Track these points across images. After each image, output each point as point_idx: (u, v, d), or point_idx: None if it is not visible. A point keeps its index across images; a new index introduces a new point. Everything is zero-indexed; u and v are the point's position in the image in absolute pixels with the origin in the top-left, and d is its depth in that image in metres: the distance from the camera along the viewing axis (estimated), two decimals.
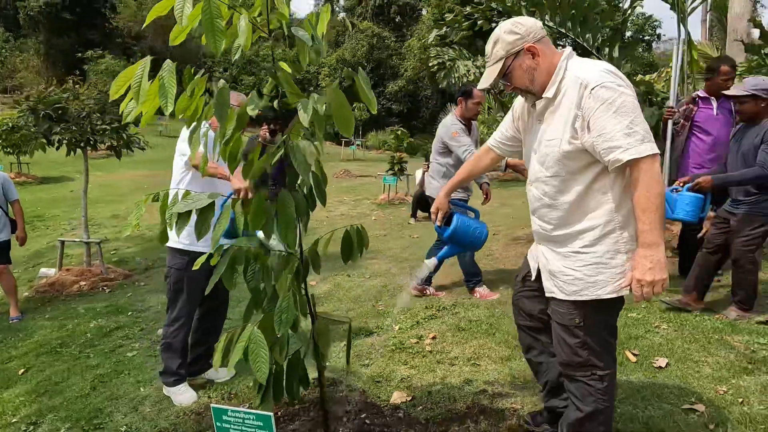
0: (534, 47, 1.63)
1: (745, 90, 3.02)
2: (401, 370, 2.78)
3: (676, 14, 4.70)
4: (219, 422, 1.75)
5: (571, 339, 1.68)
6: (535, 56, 1.63)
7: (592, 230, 1.62)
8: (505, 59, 1.65)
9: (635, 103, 1.52)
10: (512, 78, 1.68)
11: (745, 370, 2.42)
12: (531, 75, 1.65)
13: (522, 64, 1.64)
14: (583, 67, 1.60)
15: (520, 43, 1.63)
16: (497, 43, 1.67)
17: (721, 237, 3.21)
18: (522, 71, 1.65)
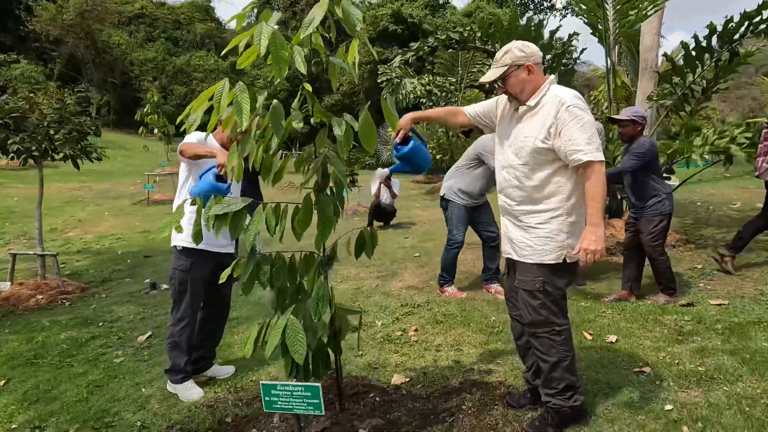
0: (532, 66, 2.09)
1: (626, 116, 3.74)
2: (394, 358, 3.11)
3: (603, 47, 5.46)
4: (268, 396, 2.00)
5: (534, 301, 2.13)
6: (530, 73, 2.10)
7: (546, 212, 2.11)
8: (509, 67, 2.11)
9: (594, 122, 2.07)
10: (508, 83, 2.13)
11: (676, 340, 2.99)
12: (522, 86, 2.12)
13: (519, 75, 2.10)
14: (561, 90, 2.11)
15: (524, 60, 2.09)
16: (507, 54, 2.12)
17: (634, 239, 3.86)
18: (517, 80, 2.11)
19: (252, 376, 3.08)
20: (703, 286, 3.98)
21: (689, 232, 5.62)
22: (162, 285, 5.48)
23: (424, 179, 14.92)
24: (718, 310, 3.43)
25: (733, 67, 5.04)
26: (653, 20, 6.58)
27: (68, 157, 5.41)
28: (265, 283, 2.24)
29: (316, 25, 1.82)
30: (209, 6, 43.97)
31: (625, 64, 14.08)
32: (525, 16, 36.47)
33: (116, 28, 35.78)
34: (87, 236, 8.58)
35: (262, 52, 1.71)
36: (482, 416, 2.36)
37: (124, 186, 14.30)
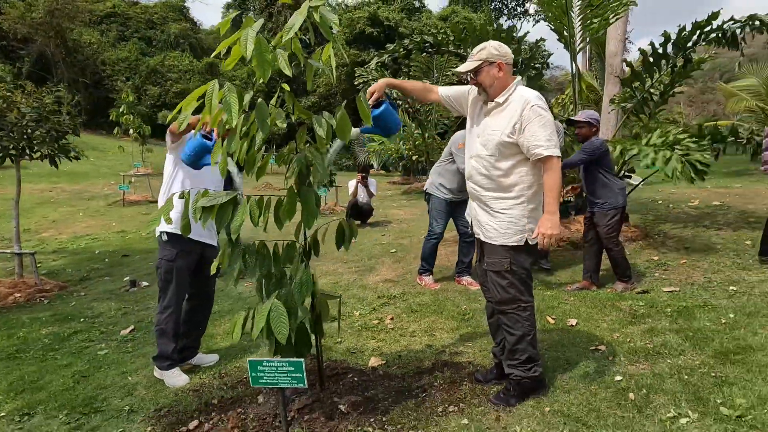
0: (503, 65, 2.32)
1: (582, 118, 4.08)
2: (371, 343, 3.30)
3: (569, 53, 5.77)
4: (254, 372, 2.16)
5: (502, 281, 2.36)
6: (500, 71, 2.32)
7: (510, 199, 2.34)
8: (483, 62, 2.33)
9: (553, 121, 2.33)
10: (479, 75, 2.35)
11: (630, 322, 3.26)
12: (492, 81, 2.34)
13: (491, 71, 2.33)
14: (526, 91, 2.36)
15: (497, 58, 2.32)
16: (483, 50, 2.35)
17: (591, 232, 4.15)
18: (488, 75, 2.34)
19: (235, 363, 3.23)
20: (658, 275, 4.28)
21: (649, 227, 5.96)
22: (142, 282, 5.54)
23: (401, 180, 15.16)
24: (670, 296, 3.72)
25: (687, 73, 5.39)
26: (618, 27, 6.94)
27: (46, 156, 5.43)
28: (251, 271, 2.40)
29: (297, 30, 1.99)
30: (183, 6, 43.43)
31: (595, 68, 14.62)
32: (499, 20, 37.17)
33: (87, 26, 35.08)
34: (62, 236, 8.52)
35: (248, 55, 1.87)
36: (452, 391, 2.56)
37: (97, 187, 14.13)
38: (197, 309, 3.27)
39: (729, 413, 2.11)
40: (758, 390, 2.27)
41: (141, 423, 2.62)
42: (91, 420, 2.71)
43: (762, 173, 4.56)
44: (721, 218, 6.23)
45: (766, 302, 3.38)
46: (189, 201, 2.29)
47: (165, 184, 3.07)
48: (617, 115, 7.27)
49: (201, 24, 48.52)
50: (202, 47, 41.97)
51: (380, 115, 2.56)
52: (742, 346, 2.72)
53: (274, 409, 2.54)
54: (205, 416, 2.58)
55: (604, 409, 2.25)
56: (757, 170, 11.03)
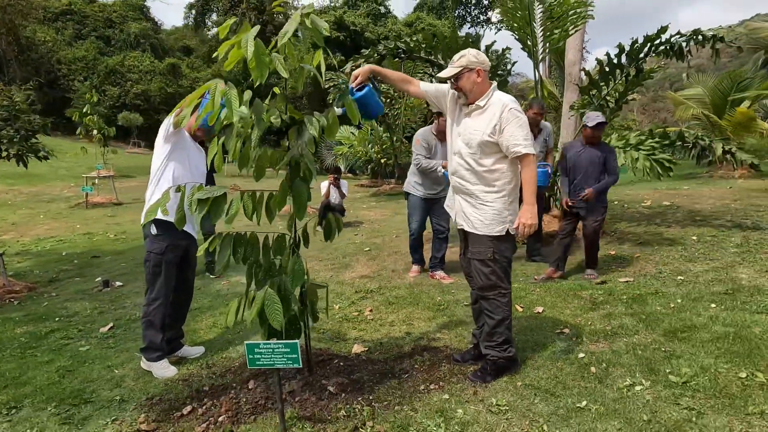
0: (481, 71, 2.56)
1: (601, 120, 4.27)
2: (353, 333, 3.47)
3: (532, 61, 6.12)
4: (251, 354, 2.29)
5: (485, 269, 2.58)
6: (479, 76, 2.56)
7: (494, 193, 2.57)
8: (463, 68, 2.55)
9: (527, 122, 2.56)
10: (460, 81, 2.58)
11: (590, 309, 3.56)
12: (472, 86, 2.57)
13: (470, 76, 2.56)
14: (504, 95, 2.60)
15: (476, 65, 2.54)
16: (463, 57, 2.57)
17: (571, 226, 4.47)
18: (468, 81, 2.57)
19: (221, 354, 3.34)
20: (615, 268, 4.63)
21: (606, 225, 6.37)
22: (116, 282, 5.52)
23: (368, 183, 15.36)
24: (625, 285, 4.05)
25: (639, 82, 5.81)
26: (576, 38, 7.37)
27: (15, 156, 5.35)
28: (238, 259, 2.54)
29: (290, 35, 2.16)
30: (144, 5, 42.36)
31: (555, 76, 15.28)
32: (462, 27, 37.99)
33: (41, 24, 33.79)
34: (24, 239, 8.29)
35: (249, 57, 2.02)
36: (432, 371, 2.77)
37: (56, 189, 13.73)
38: (178, 303, 3.35)
39: (676, 380, 2.40)
40: (701, 361, 2.57)
41: (133, 411, 2.70)
42: (82, 410, 2.76)
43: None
44: (670, 217, 6.71)
45: (708, 289, 3.74)
46: (185, 194, 2.41)
47: (153, 178, 3.15)
48: (576, 121, 7.69)
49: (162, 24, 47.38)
50: (164, 48, 41.06)
51: (362, 98, 2.65)
52: (688, 326, 3.04)
53: (265, 393, 2.68)
54: (197, 402, 2.69)
55: (569, 382, 2.50)
56: (704, 173, 11.82)
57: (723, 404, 2.18)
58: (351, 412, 2.41)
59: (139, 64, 34.60)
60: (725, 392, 2.27)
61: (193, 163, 3.19)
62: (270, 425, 2.37)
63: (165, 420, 2.54)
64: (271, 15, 42.60)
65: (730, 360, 2.56)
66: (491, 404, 2.35)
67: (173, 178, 3.06)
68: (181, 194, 2.42)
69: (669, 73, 45.19)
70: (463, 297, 4.05)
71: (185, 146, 3.17)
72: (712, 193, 8.56)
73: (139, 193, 13.45)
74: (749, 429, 1.99)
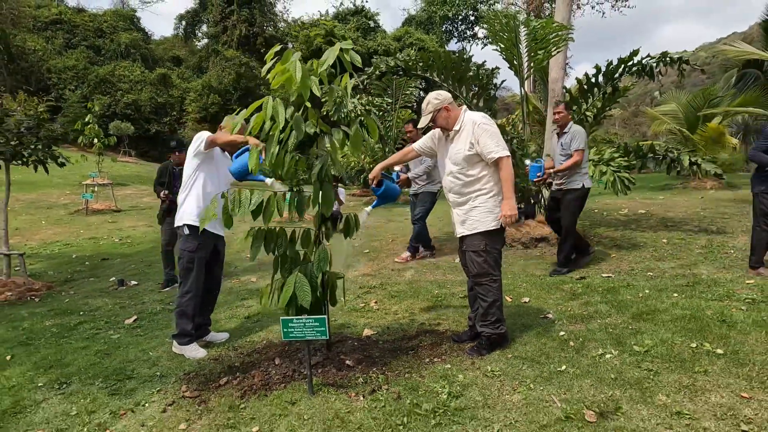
0: (448, 107, 3.06)
1: None
2: (361, 320, 3.90)
3: (518, 79, 6.66)
4: (286, 328, 2.71)
5: (479, 258, 3.04)
6: (448, 111, 3.06)
7: (483, 194, 3.03)
8: (433, 112, 3.06)
9: (498, 132, 3.05)
10: (436, 121, 3.10)
11: (570, 299, 4.04)
12: (446, 120, 3.08)
13: (442, 114, 3.07)
14: (473, 114, 3.10)
15: (441, 105, 3.05)
16: (429, 104, 3.09)
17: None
18: (442, 118, 3.08)
19: (245, 339, 3.74)
20: (593, 266, 5.13)
21: (587, 230, 6.89)
22: (131, 281, 5.88)
23: (360, 192, 15.80)
24: (602, 280, 4.55)
25: (615, 99, 6.39)
26: (559, 57, 7.95)
27: (38, 161, 5.71)
28: (269, 251, 2.97)
29: (329, 63, 2.61)
30: (134, 15, 42.57)
31: (539, 91, 15.94)
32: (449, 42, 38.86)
33: (31, 33, 33.83)
34: (31, 243, 8.56)
35: (298, 79, 2.47)
36: (435, 349, 3.21)
37: (53, 197, 13.92)
38: (209, 293, 3.75)
39: (639, 350, 2.87)
40: (661, 336, 3.06)
41: (174, 384, 3.08)
42: (127, 384, 3.14)
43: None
44: (644, 223, 7.27)
45: (673, 282, 4.25)
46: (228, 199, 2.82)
47: (185, 184, 3.56)
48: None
49: (152, 34, 47.49)
50: (154, 58, 41.25)
51: (384, 192, 3.47)
52: (652, 310, 3.53)
53: (291, 367, 3.09)
54: (231, 375, 3.09)
55: (551, 353, 2.96)
56: (678, 185, 12.50)
57: (676, 366, 2.65)
58: (368, 379, 2.83)
59: (130, 74, 34.73)
60: (678, 357, 2.74)
61: (221, 172, 3.61)
62: (299, 390, 2.78)
63: (205, 389, 2.94)
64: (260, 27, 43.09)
65: (684, 335, 3.04)
66: (487, 371, 2.80)
67: (203, 187, 3.48)
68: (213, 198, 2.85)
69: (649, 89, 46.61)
70: (458, 291, 4.51)
71: (213, 157, 3.58)
72: (685, 202, 9.18)
73: (135, 200, 13.72)
74: (694, 383, 2.47)
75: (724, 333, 3.02)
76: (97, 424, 2.66)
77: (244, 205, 2.80)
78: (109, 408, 2.82)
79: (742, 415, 2.16)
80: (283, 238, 3.05)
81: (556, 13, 9.43)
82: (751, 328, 3.06)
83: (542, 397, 2.47)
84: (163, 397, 2.90)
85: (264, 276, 5.68)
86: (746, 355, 2.71)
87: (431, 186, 5.93)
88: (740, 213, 7.34)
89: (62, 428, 2.64)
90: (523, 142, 6.32)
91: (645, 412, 2.25)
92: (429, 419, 2.35)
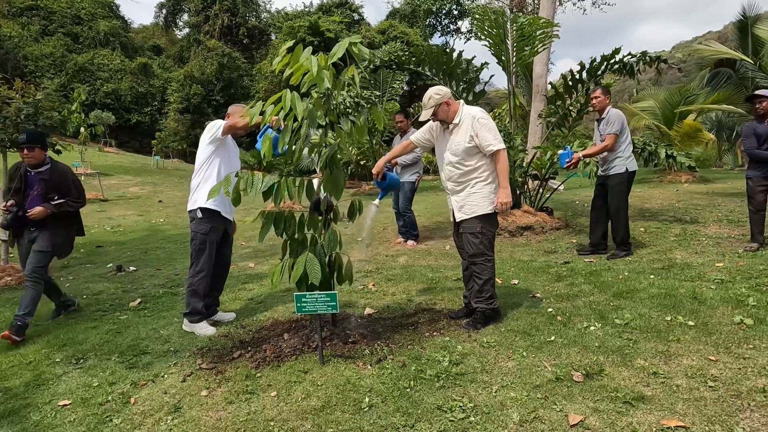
0: (448, 101, 3.30)
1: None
2: (361, 301, 4.13)
3: (506, 74, 6.93)
4: (299, 303, 2.93)
5: (475, 240, 3.30)
6: (448, 105, 3.29)
7: (481, 181, 3.29)
8: (435, 107, 3.29)
9: (495, 126, 3.30)
10: (437, 115, 3.33)
11: (556, 281, 4.33)
12: (446, 114, 3.32)
13: (443, 108, 3.30)
14: (471, 109, 3.34)
15: (441, 99, 3.28)
16: (430, 99, 3.31)
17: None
18: (442, 112, 3.31)
19: (251, 318, 3.93)
20: (577, 253, 5.45)
21: (569, 219, 7.24)
22: (130, 267, 6.00)
23: (348, 184, 16.02)
24: (585, 264, 4.86)
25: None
26: (543, 53, 8.26)
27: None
28: (280, 233, 3.17)
29: (338, 57, 2.81)
30: (113, 3, 41.75)
31: (521, 86, 16.33)
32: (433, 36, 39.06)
33: (5, 18, 32.98)
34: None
35: (315, 73, 2.67)
36: (433, 324, 3.46)
37: None
38: (218, 273, 3.94)
39: (620, 322, 3.17)
40: (639, 311, 3.36)
41: (189, 358, 3.27)
42: (142, 359, 3.31)
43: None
44: None
45: (650, 266, 4.58)
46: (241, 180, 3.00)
47: (199, 168, 3.73)
48: (543, 128, 8.59)
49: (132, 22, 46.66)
50: (134, 46, 40.59)
51: (388, 185, 3.71)
52: (631, 290, 3.84)
53: (300, 341, 3.31)
54: (243, 349, 3.29)
55: (541, 326, 3.24)
56: (655, 178, 12.99)
57: (652, 335, 2.95)
58: (373, 351, 3.06)
59: (109, 62, 34.16)
60: (654, 329, 3.04)
61: (233, 159, 3.79)
62: (309, 361, 3.00)
63: (220, 362, 3.13)
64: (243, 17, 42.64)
65: (660, 310, 3.35)
66: (482, 342, 3.06)
67: (218, 174, 3.66)
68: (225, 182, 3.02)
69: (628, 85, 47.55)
70: (451, 274, 4.77)
71: (226, 145, 3.76)
72: (661, 194, 9.61)
73: (122, 190, 13.68)
74: (669, 349, 2.76)
75: (696, 308, 3.33)
76: (119, 393, 2.84)
77: (256, 186, 2.99)
78: (129, 379, 2.99)
79: (709, 374, 2.46)
80: (292, 221, 3.25)
81: (540, 10, 9.75)
82: (719, 303, 3.38)
83: (534, 363, 2.74)
84: (180, 369, 3.09)
85: (261, 262, 5.87)
86: (714, 326, 3.03)
87: (409, 176, 6.28)
88: (712, 204, 7.76)
89: (86, 397, 2.81)
90: (509, 135, 6.59)
91: (626, 373, 2.54)
92: (433, 383, 2.59)
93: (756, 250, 4.70)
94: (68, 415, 2.61)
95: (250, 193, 3.01)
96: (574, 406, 2.26)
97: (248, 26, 42.63)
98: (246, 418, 2.41)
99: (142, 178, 17.38)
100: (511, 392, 2.44)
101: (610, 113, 5.09)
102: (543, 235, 6.47)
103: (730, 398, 2.24)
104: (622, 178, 5.04)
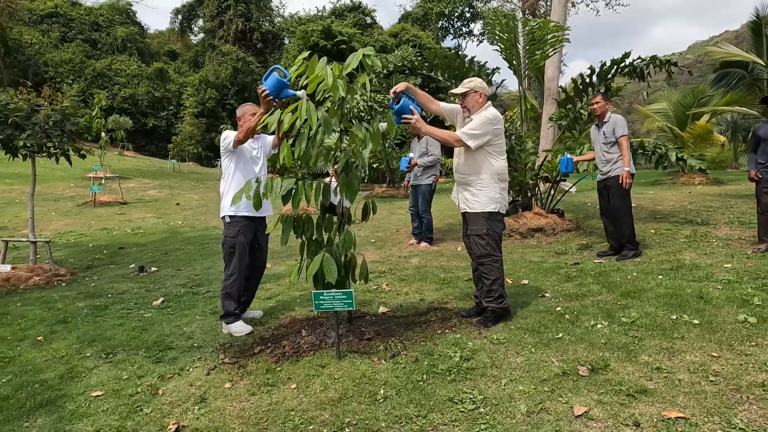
0: (483, 95, 3.43)
1: None
2: (375, 300, 4.27)
3: (517, 78, 7.03)
4: (317, 300, 3.07)
5: (481, 241, 3.42)
6: (480, 98, 3.42)
7: (485, 180, 3.40)
8: (470, 90, 3.42)
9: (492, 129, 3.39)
10: (466, 98, 3.46)
11: (566, 281, 4.43)
12: (473, 104, 3.45)
13: (474, 96, 3.43)
14: (490, 109, 3.45)
15: (480, 89, 3.42)
16: (471, 81, 3.45)
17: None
18: (472, 99, 3.45)
19: (270, 316, 4.09)
20: (586, 253, 5.53)
21: (580, 221, 7.30)
22: (151, 267, 6.21)
23: (361, 187, 16.19)
24: (595, 265, 4.94)
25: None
26: (554, 56, 8.34)
27: (63, 153, 6.02)
28: (299, 234, 3.31)
29: (353, 67, 2.96)
30: (129, 9, 42.52)
31: (534, 89, 16.38)
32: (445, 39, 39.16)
33: (27, 26, 33.78)
34: (45, 233, 8.85)
35: (330, 83, 2.83)
36: (445, 322, 3.59)
37: (58, 189, 14.17)
38: (252, 276, 4.05)
39: (627, 320, 3.27)
40: (645, 309, 3.45)
41: (212, 353, 3.44)
42: (168, 354, 3.49)
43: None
44: (635, 215, 7.64)
45: (658, 267, 4.66)
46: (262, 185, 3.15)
47: (225, 178, 3.89)
48: (554, 131, 8.66)
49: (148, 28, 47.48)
50: (150, 52, 41.32)
51: (401, 109, 3.48)
52: (638, 289, 3.93)
53: (317, 338, 3.46)
54: (263, 345, 3.45)
55: (549, 324, 3.35)
56: (668, 180, 12.96)
57: (657, 333, 3.05)
58: (388, 347, 3.20)
59: (127, 68, 34.82)
60: (660, 327, 3.14)
61: (254, 160, 3.94)
62: (327, 357, 3.14)
63: (242, 357, 3.29)
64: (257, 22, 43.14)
65: (666, 309, 3.44)
66: (493, 339, 3.18)
67: (238, 179, 3.80)
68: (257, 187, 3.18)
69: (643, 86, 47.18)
70: (462, 275, 4.89)
71: (243, 152, 3.89)
72: (673, 196, 9.61)
73: (140, 193, 14.00)
74: (673, 346, 2.86)
75: (701, 307, 3.42)
76: (148, 385, 3.01)
77: (275, 190, 3.14)
78: (156, 372, 3.16)
79: (711, 370, 2.56)
80: (310, 224, 3.40)
81: (552, 14, 9.82)
82: (724, 303, 3.47)
83: (542, 358, 2.85)
84: (204, 364, 3.25)
85: (278, 263, 6.04)
86: (718, 324, 3.12)
87: (427, 179, 6.48)
88: (724, 206, 7.78)
89: (117, 389, 2.99)
90: (521, 138, 6.69)
91: (630, 368, 2.64)
92: (445, 376, 2.72)
93: (765, 252, 4.75)
94: (101, 405, 2.78)
95: (269, 198, 3.17)
96: (579, 399, 2.38)
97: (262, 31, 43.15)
98: (268, 408, 2.56)
99: (160, 181, 17.74)
100: (519, 385, 2.56)
101: (613, 117, 5.24)
102: (554, 236, 6.56)
103: (730, 392, 2.34)
104: (622, 180, 5.15)
